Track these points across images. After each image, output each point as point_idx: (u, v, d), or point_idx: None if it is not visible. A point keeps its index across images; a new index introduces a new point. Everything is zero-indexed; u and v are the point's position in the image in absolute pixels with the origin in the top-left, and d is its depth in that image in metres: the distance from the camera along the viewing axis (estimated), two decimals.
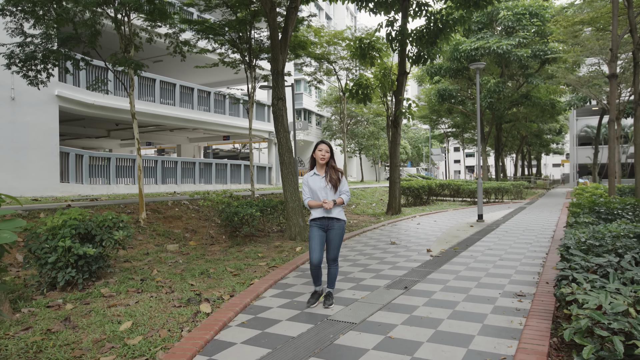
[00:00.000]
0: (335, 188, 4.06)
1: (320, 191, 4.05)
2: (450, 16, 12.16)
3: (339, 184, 4.09)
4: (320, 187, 4.06)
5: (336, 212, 4.05)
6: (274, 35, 8.73)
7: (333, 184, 4.05)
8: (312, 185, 4.09)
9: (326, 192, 4.04)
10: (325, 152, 4.08)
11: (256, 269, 5.81)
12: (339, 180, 4.09)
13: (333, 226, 4.06)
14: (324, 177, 4.08)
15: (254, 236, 8.64)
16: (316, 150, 4.11)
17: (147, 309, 4.11)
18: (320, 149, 4.10)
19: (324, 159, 4.07)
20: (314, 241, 4.05)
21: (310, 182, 4.12)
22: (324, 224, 4.06)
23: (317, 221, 4.07)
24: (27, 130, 11.71)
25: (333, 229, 4.07)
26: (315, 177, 4.12)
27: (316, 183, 4.08)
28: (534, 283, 4.74)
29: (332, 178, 4.07)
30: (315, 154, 4.10)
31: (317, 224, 4.07)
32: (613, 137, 10.10)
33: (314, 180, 4.11)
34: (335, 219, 4.06)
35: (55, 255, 4.77)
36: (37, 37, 7.47)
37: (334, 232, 4.06)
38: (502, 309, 3.88)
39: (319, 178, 4.09)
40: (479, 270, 5.48)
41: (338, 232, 4.07)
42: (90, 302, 4.42)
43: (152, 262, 6.53)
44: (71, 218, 5.25)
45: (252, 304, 4.29)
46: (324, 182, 4.07)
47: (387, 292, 4.57)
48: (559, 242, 7.34)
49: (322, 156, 4.07)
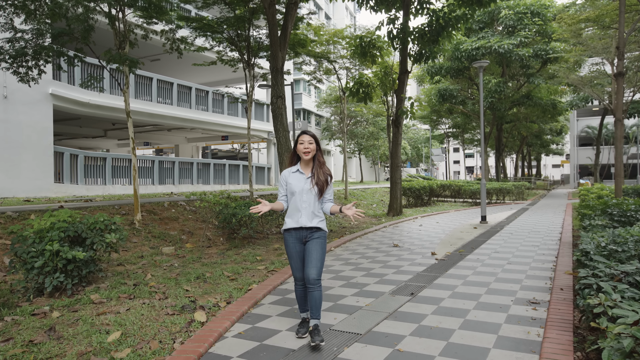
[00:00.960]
0: (321, 193, 3.30)
1: (302, 194, 3.27)
2: (453, 14, 11.94)
3: (326, 187, 3.31)
4: (302, 188, 3.27)
5: (317, 221, 3.29)
6: (273, 31, 8.50)
7: (320, 188, 3.27)
8: (293, 184, 3.29)
9: (309, 196, 3.27)
10: (308, 143, 3.27)
11: (254, 273, 5.57)
12: (326, 183, 3.31)
13: (313, 236, 3.30)
14: (309, 178, 3.30)
15: (253, 238, 8.40)
16: (298, 145, 3.31)
17: (139, 317, 3.86)
18: (302, 141, 3.28)
19: (309, 153, 3.27)
20: (294, 259, 3.33)
21: (290, 180, 3.32)
22: (301, 236, 3.31)
23: (293, 232, 3.31)
24: (20, 130, 11.44)
25: (312, 239, 3.29)
26: (298, 175, 3.33)
27: (298, 183, 3.29)
28: (547, 289, 4.50)
29: (320, 180, 3.29)
30: (298, 148, 3.30)
31: (292, 236, 3.31)
32: (620, 137, 9.86)
33: (296, 178, 3.31)
34: (315, 229, 3.30)
35: (43, 260, 4.52)
36: (27, 33, 7.22)
37: (313, 242, 3.28)
38: (517, 317, 3.64)
39: (303, 177, 3.31)
40: (488, 275, 5.24)
41: (319, 241, 3.28)
42: (79, 309, 4.17)
43: (146, 265, 6.29)
44: (60, 220, 5.00)
45: (249, 311, 4.04)
46: (308, 184, 3.28)
47: (392, 298, 4.33)
48: (568, 245, 7.12)
49: (306, 149, 3.26)
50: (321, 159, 3.37)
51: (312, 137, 3.32)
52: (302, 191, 3.27)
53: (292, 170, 3.37)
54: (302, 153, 3.29)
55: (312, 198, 3.28)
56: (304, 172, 3.33)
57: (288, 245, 3.35)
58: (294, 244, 3.33)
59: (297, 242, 3.32)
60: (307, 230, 3.29)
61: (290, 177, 3.34)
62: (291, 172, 3.36)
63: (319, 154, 3.36)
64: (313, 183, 3.27)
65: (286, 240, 3.36)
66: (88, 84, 8.20)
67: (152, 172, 15.91)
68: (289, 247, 3.35)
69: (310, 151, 3.28)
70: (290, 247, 3.34)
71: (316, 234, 3.30)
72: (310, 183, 3.28)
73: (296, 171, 3.35)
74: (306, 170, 3.35)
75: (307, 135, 3.31)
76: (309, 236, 3.30)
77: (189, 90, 17.92)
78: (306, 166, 3.35)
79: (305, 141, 3.28)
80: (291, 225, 3.31)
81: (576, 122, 38.66)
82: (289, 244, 3.34)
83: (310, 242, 3.29)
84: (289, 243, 3.34)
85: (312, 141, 3.30)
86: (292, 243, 3.33)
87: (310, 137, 3.31)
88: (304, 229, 3.29)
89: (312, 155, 3.30)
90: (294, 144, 3.34)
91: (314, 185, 3.27)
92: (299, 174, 3.34)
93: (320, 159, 3.36)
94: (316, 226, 3.28)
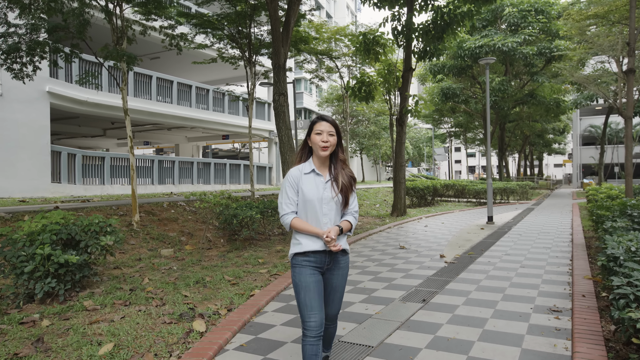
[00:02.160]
0: (346, 200, 2.42)
1: (320, 204, 2.36)
2: (458, 10, 11.69)
3: (350, 193, 2.44)
4: (320, 196, 2.37)
5: (342, 241, 2.43)
6: (275, 26, 8.25)
7: (345, 195, 2.40)
8: (306, 190, 2.37)
9: (330, 206, 2.37)
10: (328, 134, 2.38)
11: (256, 277, 5.33)
12: (351, 188, 2.44)
13: (338, 265, 2.43)
14: (328, 181, 2.40)
15: (254, 240, 8.15)
16: (313, 134, 2.40)
17: (133, 326, 3.61)
18: (320, 130, 2.38)
19: (328, 148, 2.38)
20: (309, 294, 2.32)
21: (303, 183, 2.39)
22: (323, 262, 2.38)
23: (311, 257, 2.36)
24: (16, 128, 11.20)
25: (338, 270, 2.44)
26: (313, 177, 2.41)
27: (313, 188, 2.38)
28: (567, 295, 4.25)
29: (344, 185, 2.40)
30: (313, 140, 2.40)
31: (310, 262, 2.36)
32: (630, 135, 9.62)
33: (312, 182, 2.39)
34: (340, 253, 2.44)
35: (33, 264, 4.27)
36: (21, 27, 6.97)
37: (339, 274, 2.44)
38: (540, 328, 3.39)
39: (320, 180, 2.40)
40: (502, 280, 4.99)
41: (344, 272, 2.47)
42: (71, 317, 3.93)
43: (144, 268, 6.04)
44: (52, 222, 4.76)
45: (252, 320, 3.79)
46: (329, 190, 2.38)
47: (403, 306, 4.08)
48: (581, 247, 6.86)
49: (325, 143, 2.37)
50: (342, 156, 2.47)
51: (332, 124, 2.40)
52: (322, 200, 2.37)
53: (304, 170, 2.43)
54: (318, 147, 2.37)
55: (334, 210, 2.38)
56: (320, 172, 2.42)
57: (303, 275, 2.35)
58: (312, 273, 2.35)
59: (314, 271, 2.37)
60: (330, 255, 2.40)
61: (304, 180, 2.40)
62: (303, 172, 2.42)
63: (339, 148, 2.46)
64: (336, 189, 2.38)
65: (299, 269, 2.37)
66: (84, 80, 7.95)
67: (152, 171, 15.67)
68: (304, 277, 2.35)
69: (330, 145, 2.38)
70: (305, 277, 2.34)
71: (342, 260, 2.46)
72: (332, 189, 2.39)
73: (311, 172, 2.42)
74: (323, 171, 2.44)
75: (326, 123, 2.40)
76: (332, 263, 2.42)
77: (189, 89, 17.67)
78: (322, 165, 2.44)
79: (324, 131, 2.37)
80: (311, 247, 2.33)
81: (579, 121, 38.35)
82: (305, 274, 2.35)
83: (333, 271, 2.43)
84: (305, 272, 2.35)
85: (333, 131, 2.39)
86: (309, 272, 2.35)
87: (330, 124, 2.40)
88: (326, 253, 2.38)
89: (331, 150, 2.40)
90: (307, 134, 2.46)
91: (338, 193, 2.38)
92: (315, 175, 2.41)
93: (341, 155, 2.47)
94: (343, 248, 2.42)
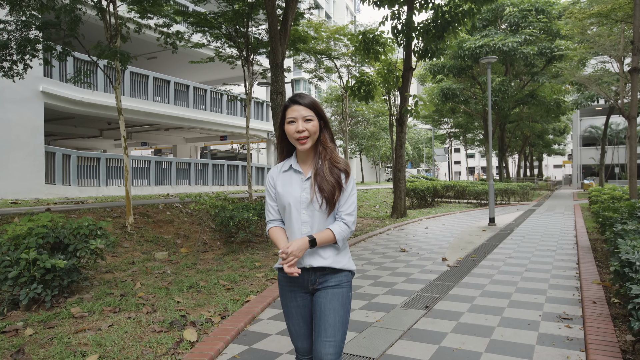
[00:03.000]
0: (331, 203, 1.81)
1: (298, 209, 1.84)
2: (459, 9, 11.53)
3: (338, 193, 1.82)
4: (298, 199, 1.84)
5: (329, 255, 1.83)
6: (273, 24, 8.07)
7: (327, 196, 1.80)
8: (281, 192, 1.88)
9: (311, 212, 1.83)
10: (303, 121, 1.80)
11: (252, 282, 5.14)
12: (338, 185, 1.82)
13: (326, 283, 1.85)
14: (308, 179, 1.85)
15: (251, 242, 7.96)
16: (285, 124, 1.84)
17: (121, 336, 3.42)
18: (293, 117, 1.81)
19: (306, 140, 1.81)
20: (294, 320, 1.91)
21: (279, 184, 1.90)
22: (306, 281, 1.86)
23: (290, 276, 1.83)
24: (8, 128, 11.00)
25: (325, 289, 1.85)
26: (291, 175, 1.90)
27: (291, 189, 1.87)
28: (576, 302, 4.07)
29: (327, 181, 1.81)
30: (287, 130, 1.84)
31: (291, 282, 1.89)
32: (634, 135, 9.50)
33: (286, 182, 1.89)
34: (329, 270, 1.84)
35: (17, 270, 4.08)
36: (10, 24, 6.78)
37: (326, 295, 1.83)
38: (550, 337, 3.20)
39: (298, 178, 1.88)
40: (507, 284, 4.81)
41: (338, 293, 1.84)
42: (56, 325, 3.73)
43: (137, 272, 5.85)
44: (39, 225, 4.57)
45: (246, 329, 3.60)
46: (307, 190, 1.84)
47: (405, 312, 3.89)
48: (587, 250, 6.68)
49: (300, 133, 1.80)
50: (328, 144, 1.87)
51: (308, 106, 1.81)
52: (299, 203, 1.83)
53: (282, 167, 1.93)
54: (294, 140, 1.81)
55: (318, 216, 1.83)
56: (299, 168, 1.88)
57: (283, 297, 1.91)
58: (292, 296, 1.88)
59: (297, 292, 1.87)
60: (316, 272, 1.84)
61: (280, 180, 1.90)
62: (281, 170, 1.92)
63: (324, 135, 1.87)
64: (314, 189, 1.81)
65: (281, 289, 1.92)
66: (77, 79, 7.77)
67: (149, 172, 15.47)
68: (283, 300, 1.91)
69: (310, 135, 1.79)
70: (285, 301, 1.90)
71: (332, 279, 1.84)
72: (310, 189, 1.82)
73: (289, 169, 1.90)
74: (305, 167, 1.89)
75: (300, 106, 1.80)
76: (319, 283, 1.85)
77: (187, 89, 17.48)
78: (306, 158, 1.89)
79: (297, 118, 1.79)
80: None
81: (579, 122, 38.24)
82: (285, 297, 1.90)
83: (322, 293, 1.84)
84: (285, 294, 1.90)
85: (311, 115, 1.81)
86: (290, 293, 1.88)
87: (305, 107, 1.81)
88: (307, 270, 1.84)
89: (312, 141, 1.82)
90: (279, 124, 1.88)
91: (316, 193, 1.80)
92: (293, 173, 1.89)
93: (326, 143, 1.87)
94: (329, 266, 1.82)
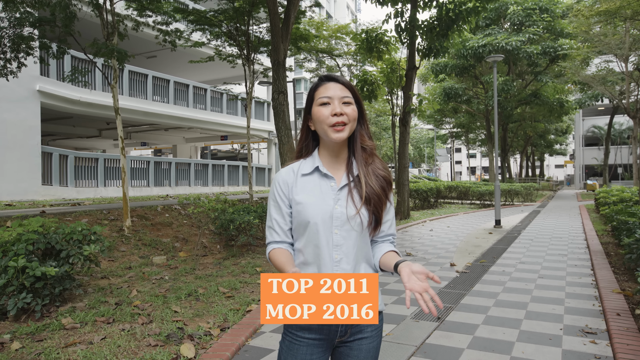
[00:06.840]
0: (380, 221, 1.34)
1: (329, 228, 1.29)
2: (463, 6, 11.31)
3: (384, 206, 1.34)
4: (328, 213, 1.29)
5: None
6: (274, 21, 7.84)
7: (373, 208, 1.31)
8: (305, 203, 1.30)
9: (347, 232, 1.29)
10: (340, 103, 1.28)
11: (254, 289, 4.92)
12: (385, 194, 1.34)
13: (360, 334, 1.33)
14: (345, 186, 1.32)
15: (252, 246, 7.73)
16: (315, 105, 1.31)
17: (114, 351, 3.20)
18: (328, 96, 1.29)
19: (344, 127, 1.28)
20: None
21: (298, 192, 1.33)
22: (333, 332, 1.31)
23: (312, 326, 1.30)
24: (4, 128, 10.77)
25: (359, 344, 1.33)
26: (315, 180, 1.34)
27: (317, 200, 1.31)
28: (597, 313, 3.84)
29: (372, 189, 1.31)
30: (316, 113, 1.30)
31: (309, 335, 1.31)
32: None
33: (310, 189, 1.33)
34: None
35: (5, 278, 3.86)
36: (3, 20, 6.56)
37: (361, 354, 1.34)
38: (576, 355, 2.97)
39: (328, 185, 1.33)
40: (521, 293, 4.57)
41: (372, 353, 1.35)
42: (45, 337, 3.51)
43: (133, 278, 5.63)
44: (29, 231, 4.34)
45: (247, 343, 3.37)
46: (343, 201, 1.31)
47: (416, 325, 3.66)
48: (600, 255, 6.44)
49: (338, 117, 1.27)
50: (368, 142, 1.37)
51: (347, 86, 1.33)
52: (330, 220, 1.29)
53: (302, 169, 1.37)
54: (327, 127, 1.29)
55: (354, 237, 1.30)
56: (326, 170, 1.35)
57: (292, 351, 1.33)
58: (308, 351, 1.32)
59: (316, 347, 1.32)
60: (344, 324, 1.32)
61: (300, 187, 1.34)
62: (301, 173, 1.36)
63: (362, 128, 1.38)
64: (354, 201, 1.31)
65: (289, 344, 1.34)
66: (74, 77, 7.55)
67: (148, 173, 15.24)
68: (292, 356, 1.33)
69: (349, 122, 1.29)
70: (296, 357, 1.32)
71: (368, 326, 1.34)
72: (350, 201, 1.31)
73: (313, 171, 1.35)
74: (335, 171, 1.36)
75: (337, 84, 1.32)
76: (351, 334, 1.34)
77: (186, 88, 17.26)
78: (335, 160, 1.36)
79: (333, 97, 1.29)
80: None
81: (582, 122, 37.99)
82: (294, 350, 1.32)
83: (354, 346, 1.34)
84: (294, 347, 1.33)
85: (349, 97, 1.31)
86: (306, 348, 1.32)
87: (344, 86, 1.32)
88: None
89: (350, 130, 1.31)
90: (305, 110, 1.37)
91: (362, 206, 1.30)
92: (321, 177, 1.35)
93: (365, 140, 1.37)
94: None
